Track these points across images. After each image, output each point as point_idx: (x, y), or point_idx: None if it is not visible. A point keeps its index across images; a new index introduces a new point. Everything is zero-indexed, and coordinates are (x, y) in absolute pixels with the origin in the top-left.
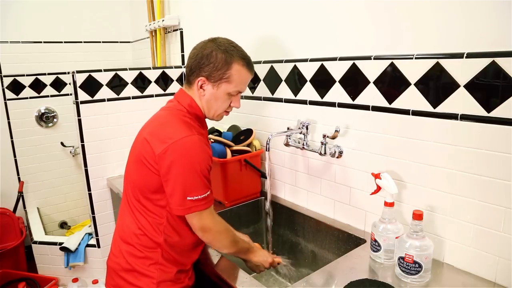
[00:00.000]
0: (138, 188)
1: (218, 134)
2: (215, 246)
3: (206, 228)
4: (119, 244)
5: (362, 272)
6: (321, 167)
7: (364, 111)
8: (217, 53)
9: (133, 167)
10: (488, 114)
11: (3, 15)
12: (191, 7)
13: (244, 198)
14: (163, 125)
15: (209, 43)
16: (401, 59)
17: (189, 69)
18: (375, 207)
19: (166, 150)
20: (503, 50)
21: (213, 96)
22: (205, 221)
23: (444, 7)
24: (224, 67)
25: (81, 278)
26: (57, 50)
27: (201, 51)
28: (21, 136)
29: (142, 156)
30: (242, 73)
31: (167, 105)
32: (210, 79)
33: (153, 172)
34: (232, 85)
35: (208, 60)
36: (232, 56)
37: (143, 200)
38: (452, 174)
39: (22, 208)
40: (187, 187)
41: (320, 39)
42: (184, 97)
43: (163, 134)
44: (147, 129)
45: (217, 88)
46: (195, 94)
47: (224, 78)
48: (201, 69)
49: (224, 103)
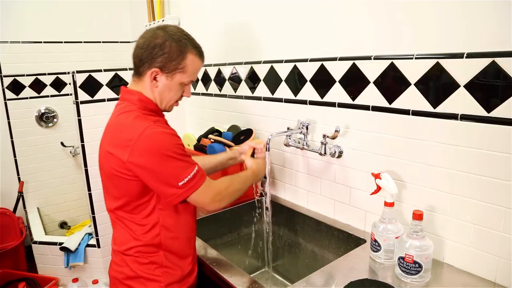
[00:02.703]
0: (122, 201)
1: (218, 134)
2: (232, 200)
3: (216, 196)
4: (120, 255)
5: (362, 272)
6: (321, 167)
7: (364, 111)
8: (170, 43)
9: (110, 184)
10: (488, 114)
11: (3, 15)
12: (191, 7)
13: (244, 198)
14: (119, 130)
15: (159, 32)
16: (401, 59)
17: (139, 59)
18: (375, 207)
19: (132, 153)
20: (503, 50)
21: (166, 87)
22: (211, 192)
23: (444, 7)
24: (179, 58)
25: (81, 278)
26: (57, 50)
27: (152, 40)
28: (21, 136)
29: (113, 170)
30: (195, 63)
31: (116, 109)
32: (164, 69)
33: (130, 180)
34: (186, 75)
35: (162, 50)
36: (186, 46)
37: (131, 210)
38: (452, 174)
39: (22, 208)
40: (172, 175)
41: (320, 39)
42: (131, 94)
43: (122, 138)
44: (105, 141)
45: (171, 78)
46: (146, 86)
47: (179, 68)
48: (153, 59)
49: (177, 93)
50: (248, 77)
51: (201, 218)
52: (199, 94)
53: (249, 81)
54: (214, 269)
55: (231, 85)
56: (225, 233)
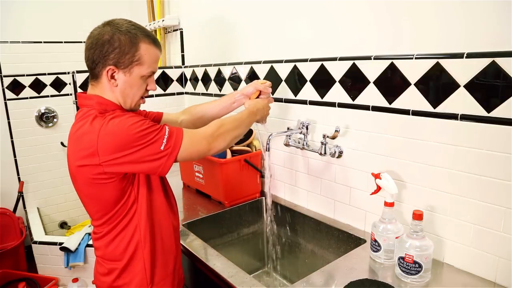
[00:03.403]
0: (104, 209)
1: None
2: (230, 140)
3: (206, 139)
4: (104, 264)
5: (362, 272)
6: (321, 167)
7: (364, 111)
8: (119, 36)
9: (92, 194)
10: (488, 114)
11: (3, 15)
12: (191, 7)
13: (244, 198)
14: (80, 139)
15: (105, 28)
16: (401, 59)
17: (91, 61)
18: (375, 207)
19: (100, 154)
20: (503, 50)
21: (127, 83)
22: (198, 139)
23: (444, 7)
24: (132, 49)
25: (81, 278)
26: (57, 50)
27: (100, 38)
28: (21, 136)
29: (90, 180)
30: (151, 51)
31: (76, 119)
32: (120, 65)
33: (109, 181)
34: (145, 67)
35: (112, 46)
36: (136, 35)
37: (113, 217)
38: (452, 174)
39: (22, 208)
40: (149, 150)
41: (320, 39)
42: (89, 99)
43: (85, 146)
44: (71, 156)
45: (130, 73)
46: (105, 88)
47: (135, 61)
48: (105, 57)
49: (140, 88)
50: (248, 77)
51: (201, 218)
52: (199, 94)
53: (249, 81)
54: (214, 269)
55: (231, 85)
56: (225, 233)
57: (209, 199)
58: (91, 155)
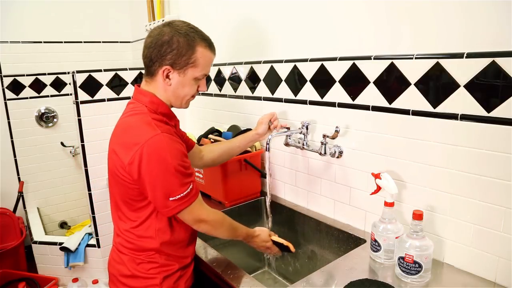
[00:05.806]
0: (122, 201)
1: (218, 134)
2: (214, 235)
3: (200, 219)
4: (118, 252)
5: (362, 272)
6: (321, 167)
7: (364, 111)
8: (178, 38)
9: (113, 181)
10: (488, 114)
11: (3, 15)
12: (191, 7)
13: (244, 198)
14: (126, 132)
15: (165, 29)
16: (401, 59)
17: (149, 59)
18: (375, 207)
19: (134, 157)
20: (503, 50)
21: (180, 83)
22: (196, 214)
23: (444, 7)
24: (189, 52)
25: (81, 278)
26: (57, 50)
27: (160, 38)
28: (21, 136)
29: (115, 169)
30: (206, 55)
31: (127, 108)
32: (175, 66)
33: (129, 182)
34: (199, 69)
35: (170, 47)
36: (194, 39)
37: (130, 212)
38: (452, 174)
39: (22, 208)
40: (165, 189)
41: (320, 39)
42: (143, 95)
43: (128, 141)
44: (113, 139)
45: (184, 74)
46: (159, 86)
47: (190, 63)
48: (163, 57)
49: (192, 88)
50: (248, 77)
51: None
52: (199, 94)
53: (249, 81)
54: (214, 269)
55: (231, 85)
56: None
57: (209, 199)
58: (127, 150)
